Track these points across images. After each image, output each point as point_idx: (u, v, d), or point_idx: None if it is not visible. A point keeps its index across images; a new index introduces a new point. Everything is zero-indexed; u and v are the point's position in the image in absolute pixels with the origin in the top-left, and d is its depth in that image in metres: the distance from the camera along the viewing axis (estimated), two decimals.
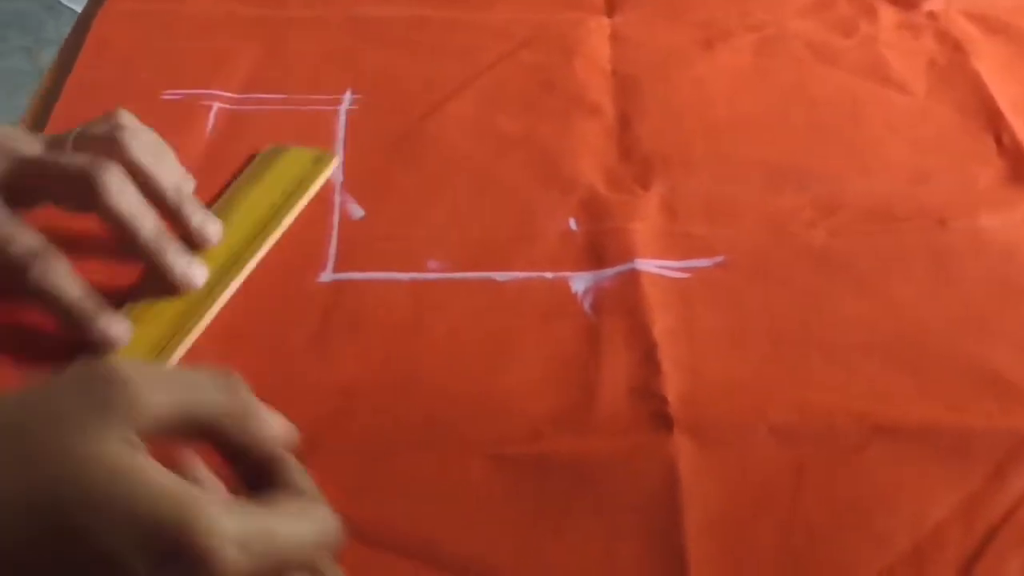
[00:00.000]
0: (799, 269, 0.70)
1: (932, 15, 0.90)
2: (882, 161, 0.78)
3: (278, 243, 0.72)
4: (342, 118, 0.82)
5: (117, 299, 0.66)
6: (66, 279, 0.64)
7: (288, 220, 0.73)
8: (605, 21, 0.90)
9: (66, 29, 0.75)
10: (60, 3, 2.51)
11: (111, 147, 0.66)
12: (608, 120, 0.81)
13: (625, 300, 0.68)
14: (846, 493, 0.58)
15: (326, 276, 0.70)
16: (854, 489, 0.59)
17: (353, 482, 0.59)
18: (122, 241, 0.65)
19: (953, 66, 0.86)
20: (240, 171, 0.77)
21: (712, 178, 0.77)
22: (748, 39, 0.88)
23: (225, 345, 0.65)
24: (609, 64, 0.86)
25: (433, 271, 0.70)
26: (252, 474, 0.51)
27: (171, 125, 0.77)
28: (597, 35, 0.89)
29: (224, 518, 0.44)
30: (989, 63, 0.86)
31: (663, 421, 0.61)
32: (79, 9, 1.09)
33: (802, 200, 0.75)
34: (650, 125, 0.81)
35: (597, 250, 0.72)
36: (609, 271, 0.70)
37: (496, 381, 0.64)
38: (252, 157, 0.78)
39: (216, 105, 0.83)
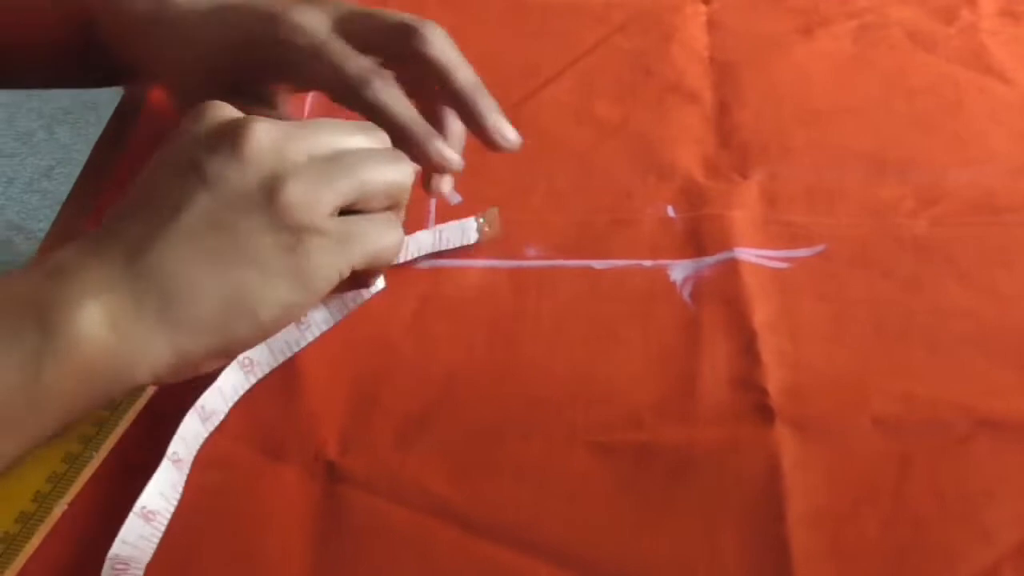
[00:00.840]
0: (901, 259, 0.70)
1: None
2: (984, 152, 0.77)
3: None
4: None
5: None
6: (401, 99, 0.67)
7: None
8: (702, 7, 0.90)
9: None
10: None
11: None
12: (706, 107, 0.81)
13: (724, 289, 0.68)
14: (951, 486, 0.58)
15: (425, 262, 0.71)
16: (959, 482, 0.58)
17: (457, 466, 0.59)
18: (441, 87, 0.69)
19: None
20: None
21: (812, 166, 0.76)
22: (848, 26, 0.87)
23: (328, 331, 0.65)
24: (707, 51, 0.86)
25: (531, 258, 0.71)
26: None
27: None
28: (694, 21, 0.89)
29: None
30: None
31: (764, 413, 0.61)
32: None
33: (903, 190, 0.74)
34: (748, 113, 0.81)
35: (696, 238, 0.71)
36: (708, 260, 0.70)
37: (596, 369, 0.64)
38: None
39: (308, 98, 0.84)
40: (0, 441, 0.52)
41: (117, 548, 0.54)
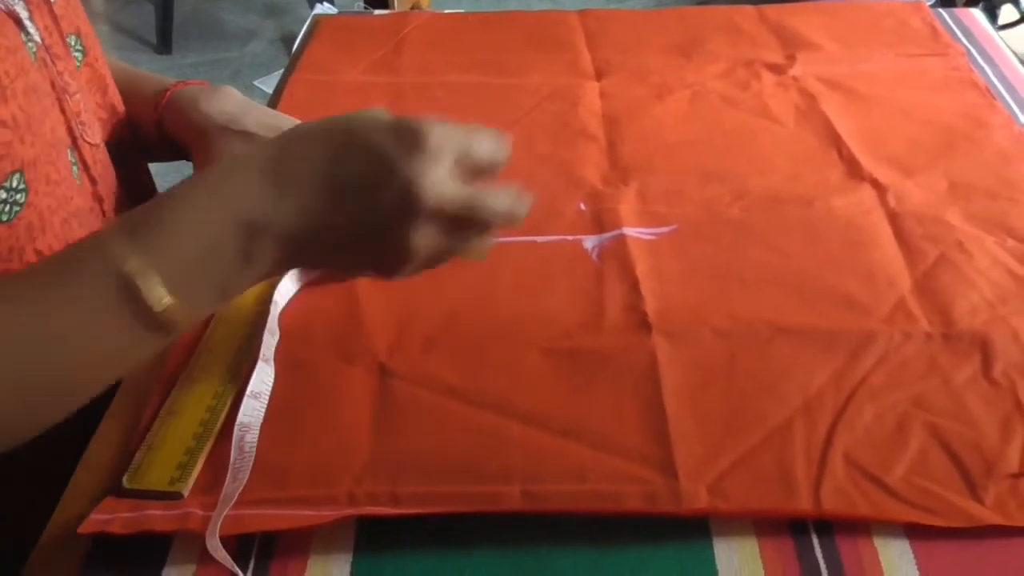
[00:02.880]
0: (723, 232, 0.68)
1: (795, 78, 0.86)
2: (770, 166, 0.75)
3: None
4: None
5: None
6: None
7: None
8: (596, 84, 0.87)
9: (257, 101, 0.72)
10: (254, 85, 2.46)
11: None
12: (601, 144, 0.78)
13: (617, 253, 0.66)
14: (760, 370, 0.56)
15: None
16: (765, 367, 0.56)
17: (460, 365, 0.57)
18: None
19: (809, 109, 0.82)
20: None
21: (667, 177, 0.73)
22: (685, 93, 0.84)
23: (374, 286, 0.62)
24: (600, 110, 0.83)
25: (499, 237, 0.67)
26: None
27: None
28: (591, 92, 0.85)
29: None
30: (831, 107, 0.82)
31: (645, 327, 0.59)
32: (266, 88, 1.08)
33: (723, 190, 0.72)
34: (627, 147, 0.78)
35: (598, 222, 0.69)
36: (607, 235, 0.67)
37: (542, 303, 0.62)
38: None
39: None
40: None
41: (241, 418, 0.52)
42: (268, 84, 2.42)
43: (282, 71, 0.91)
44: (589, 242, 0.67)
